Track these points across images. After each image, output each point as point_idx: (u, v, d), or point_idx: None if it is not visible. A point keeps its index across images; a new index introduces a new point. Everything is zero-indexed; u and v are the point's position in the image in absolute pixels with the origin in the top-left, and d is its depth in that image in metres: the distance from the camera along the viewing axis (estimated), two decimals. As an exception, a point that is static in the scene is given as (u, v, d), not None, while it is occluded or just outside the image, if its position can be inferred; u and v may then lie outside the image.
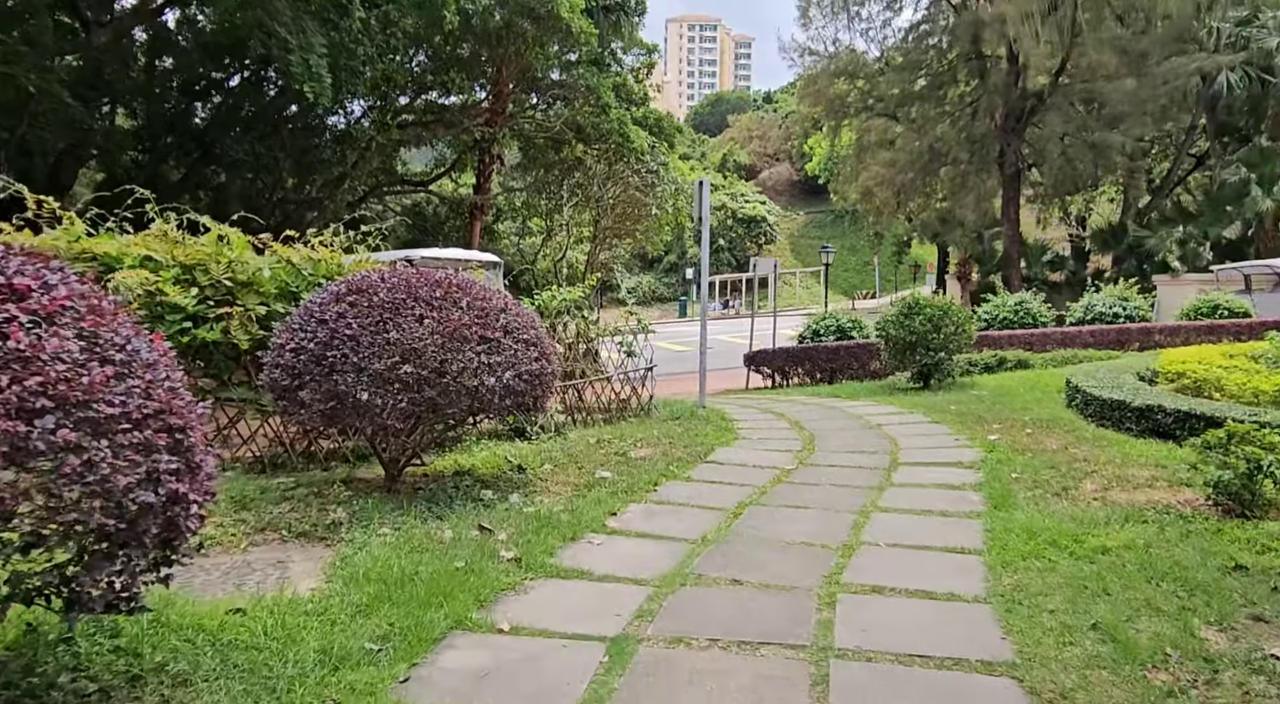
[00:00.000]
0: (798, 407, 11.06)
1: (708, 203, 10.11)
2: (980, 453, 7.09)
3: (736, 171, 77.25)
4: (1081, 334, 15.30)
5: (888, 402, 10.89)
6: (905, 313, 12.06)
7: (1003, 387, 11.48)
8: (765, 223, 65.39)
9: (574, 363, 9.39)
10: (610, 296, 64.93)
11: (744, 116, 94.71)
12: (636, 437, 8.16)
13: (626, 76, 24.53)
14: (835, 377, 15.79)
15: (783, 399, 12.46)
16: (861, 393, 12.10)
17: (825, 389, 13.35)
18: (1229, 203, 29.03)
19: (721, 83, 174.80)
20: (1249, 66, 29.26)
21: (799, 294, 61.09)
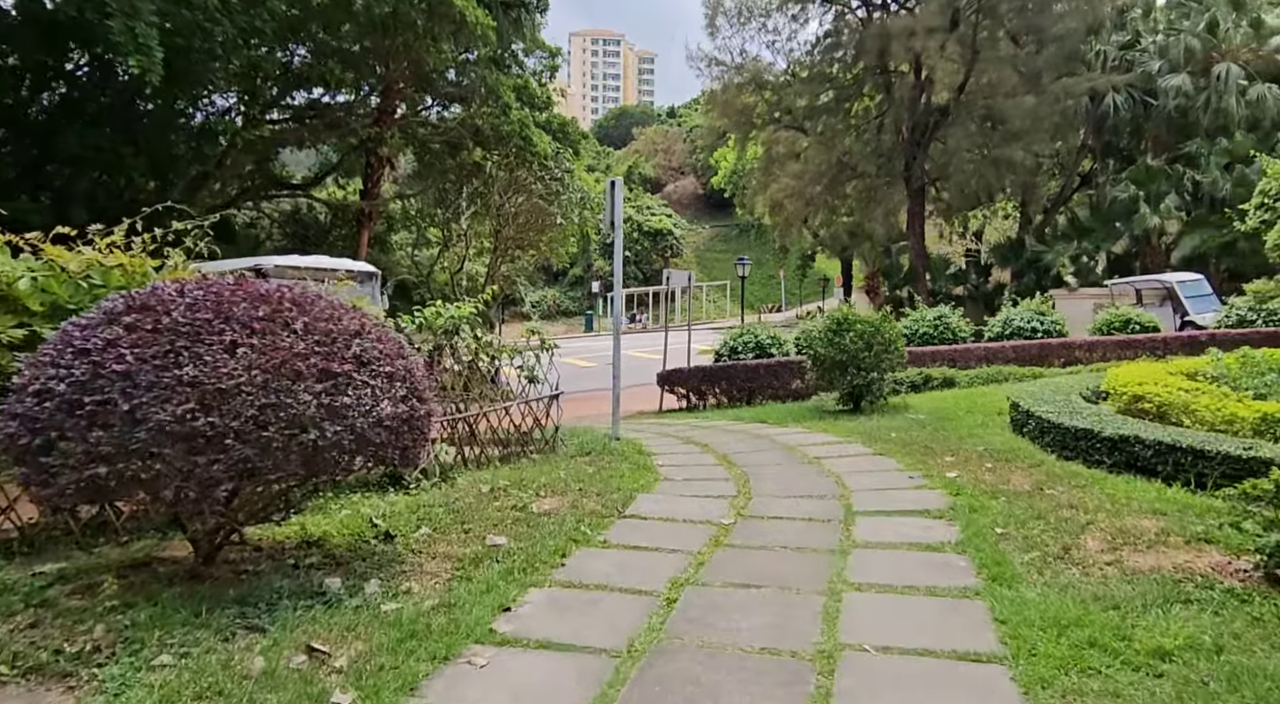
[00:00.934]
0: (722, 435, 9.90)
1: (620, 207, 8.87)
2: (945, 497, 6.05)
3: (642, 184, 76.73)
4: (1004, 350, 14.81)
5: (820, 428, 9.86)
6: (834, 329, 11.12)
7: (939, 408, 10.65)
8: (672, 236, 64.96)
9: (465, 391, 7.94)
10: (514, 311, 63.01)
11: (649, 130, 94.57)
12: (540, 482, 6.78)
13: (529, 78, 23.16)
14: (754, 396, 14.79)
15: (704, 425, 11.30)
16: (789, 417, 11.07)
17: (747, 412, 12.29)
18: (1118, 219, 29.93)
19: (625, 97, 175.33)
20: (1133, 88, 30.35)
21: (706, 308, 60.76)
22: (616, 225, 8.86)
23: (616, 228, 8.87)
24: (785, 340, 15.79)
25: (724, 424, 11.20)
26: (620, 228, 8.89)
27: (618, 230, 8.88)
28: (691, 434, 10.17)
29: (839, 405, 11.47)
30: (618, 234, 8.90)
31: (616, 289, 8.99)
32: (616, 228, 8.87)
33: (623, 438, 9.55)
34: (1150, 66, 30.17)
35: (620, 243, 8.95)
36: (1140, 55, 31.16)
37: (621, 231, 8.95)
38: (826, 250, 53.15)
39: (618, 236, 8.92)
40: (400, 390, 4.31)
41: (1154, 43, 31.39)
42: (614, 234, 8.89)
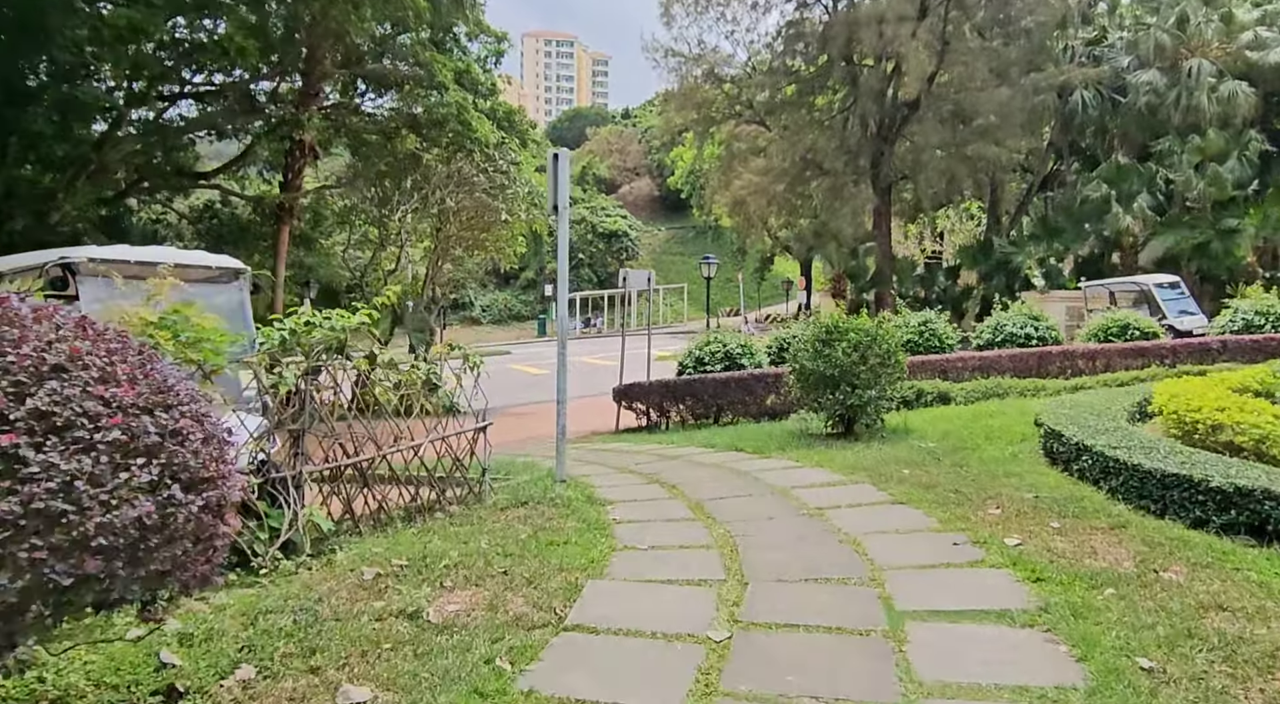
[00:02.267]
0: (693, 470, 8.07)
1: (565, 185, 6.99)
2: (1020, 582, 4.28)
3: (596, 185, 74.93)
4: (1000, 359, 13.26)
5: (811, 460, 8.08)
6: (823, 339, 9.37)
7: (948, 432, 8.96)
8: (627, 238, 63.23)
9: (351, 429, 5.98)
10: (464, 315, 60.62)
11: (603, 130, 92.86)
12: (450, 558, 4.87)
13: (471, 63, 21.12)
14: (723, 414, 13.01)
15: (669, 453, 9.45)
16: (770, 444, 9.27)
17: (720, 435, 10.48)
18: (1089, 219, 28.96)
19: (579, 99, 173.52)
20: (1100, 86, 29.44)
21: (663, 312, 59.10)
22: (561, 208, 6.98)
23: (561, 211, 6.99)
24: (757, 350, 14.04)
25: (694, 452, 9.37)
26: (566, 211, 7.01)
27: (562, 214, 6.99)
28: (656, 468, 8.32)
29: (828, 428, 9.73)
30: (562, 219, 7.02)
31: (561, 292, 7.10)
32: (561, 211, 6.99)
33: (570, 477, 7.67)
34: (1119, 62, 29.29)
35: (565, 229, 7.07)
36: (1108, 51, 30.30)
37: (567, 216, 7.07)
38: (788, 252, 51.93)
39: (562, 222, 7.04)
40: (144, 470, 2.37)
41: (1121, 38, 30.57)
42: (558, 219, 7.01)
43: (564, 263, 7.04)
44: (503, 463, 8.97)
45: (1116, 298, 24.78)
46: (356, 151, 23.81)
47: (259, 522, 5.01)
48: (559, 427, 7.17)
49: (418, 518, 6.04)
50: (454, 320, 59.75)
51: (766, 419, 12.55)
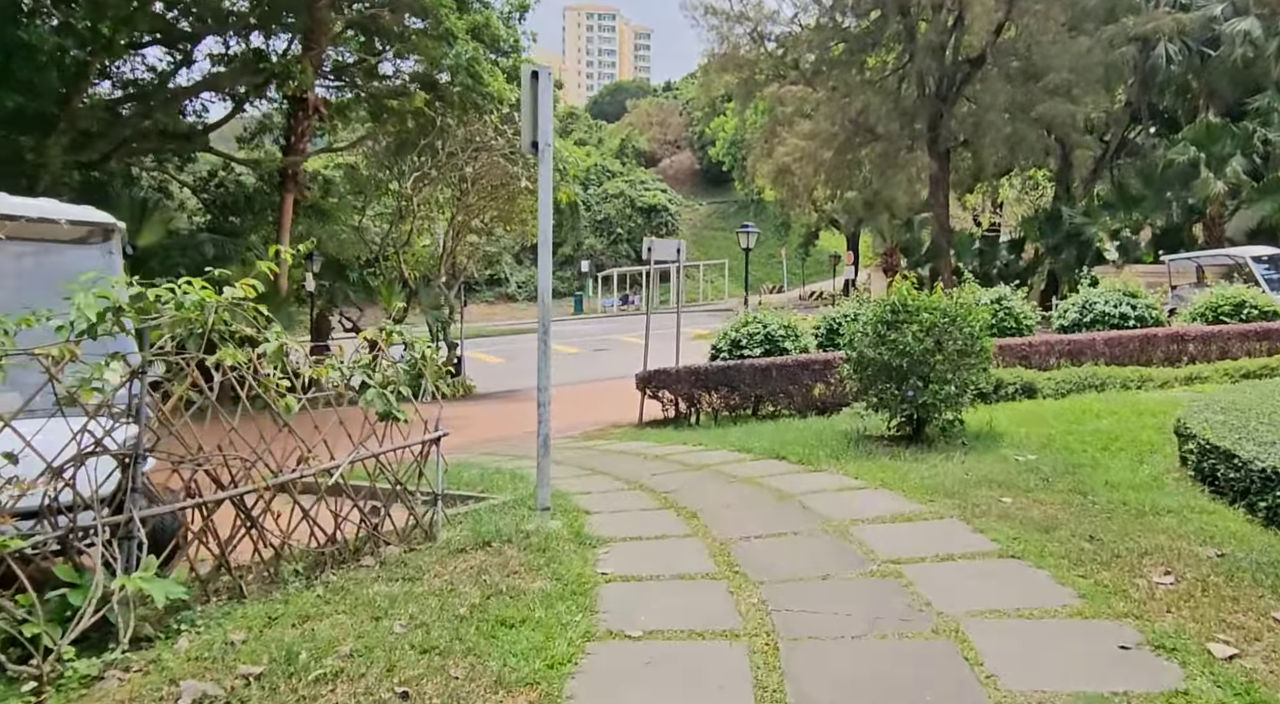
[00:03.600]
0: (721, 490, 6.29)
1: (547, 115, 5.23)
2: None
3: (636, 158, 72.75)
4: (1093, 343, 11.17)
5: (873, 476, 6.24)
6: (887, 321, 7.48)
7: (1049, 438, 7.05)
8: (666, 212, 61.16)
9: (232, 445, 4.33)
10: (499, 291, 59.27)
11: (643, 102, 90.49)
12: (337, 658, 3.18)
13: (491, 16, 19.30)
14: (762, 404, 11.20)
15: (694, 459, 7.68)
16: (820, 450, 7.43)
17: (758, 436, 8.66)
18: (1171, 186, 26.22)
19: (621, 73, 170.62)
20: (1186, 37, 26.52)
21: (703, 288, 57.12)
22: (542, 146, 5.22)
23: (543, 150, 5.22)
24: (803, 332, 12.16)
25: (724, 458, 7.59)
26: (549, 151, 5.24)
27: (544, 155, 5.23)
28: (674, 483, 6.56)
29: (892, 430, 7.86)
30: (544, 161, 5.25)
31: (543, 257, 5.33)
32: (543, 150, 5.22)
33: (563, 494, 5.99)
34: (1210, 10, 26.31)
35: (548, 175, 5.29)
36: (1197, 0, 27.31)
37: (550, 158, 5.29)
38: (834, 227, 49.42)
39: (544, 165, 5.27)
40: None
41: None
42: (538, 158, 5.25)
43: (546, 220, 5.27)
44: (484, 472, 7.29)
45: (1205, 272, 22.26)
46: (377, 118, 22.29)
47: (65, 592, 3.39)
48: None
49: (332, 568, 4.38)
50: (489, 296, 58.54)
51: (814, 413, 10.73)
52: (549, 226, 5.27)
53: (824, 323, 13.25)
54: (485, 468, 7.61)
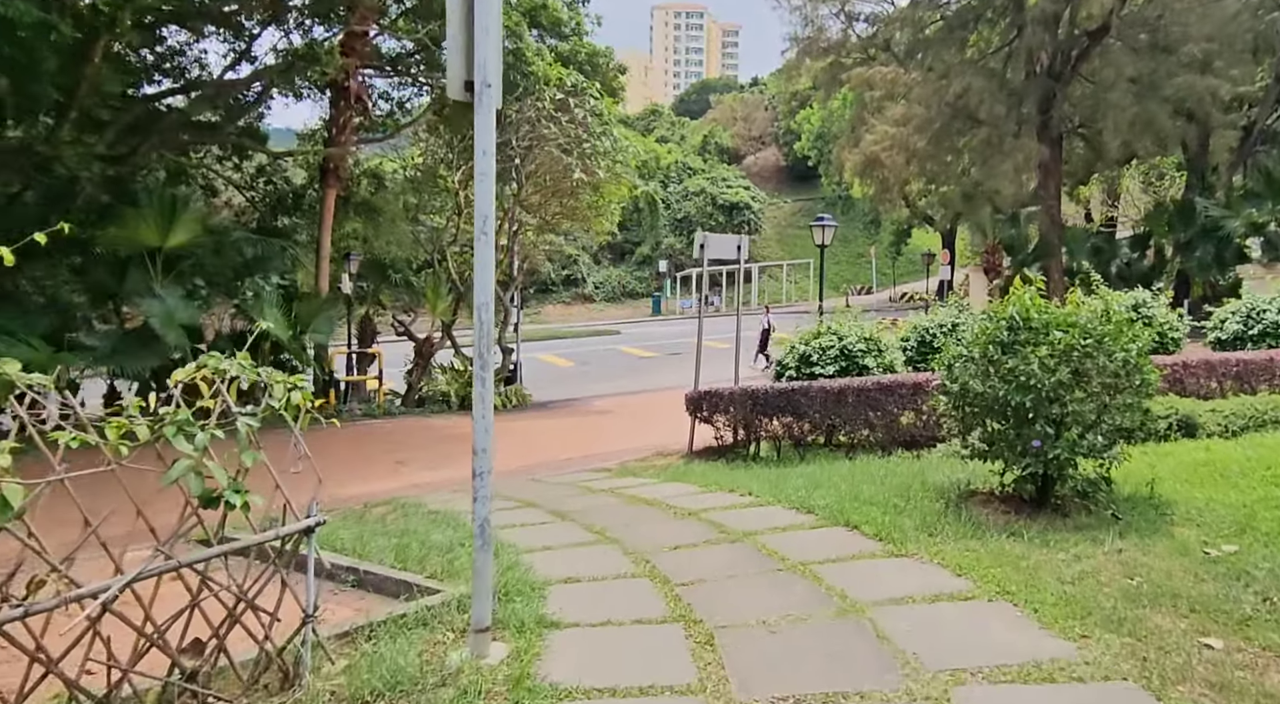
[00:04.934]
0: (763, 584, 4.41)
1: (496, 40, 3.46)
2: None
3: (719, 155, 70.56)
4: (1273, 364, 8.71)
5: (987, 576, 4.24)
6: (1002, 341, 5.44)
7: (1246, 512, 4.91)
8: (749, 209, 58.79)
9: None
10: (576, 292, 58.16)
11: (728, 97, 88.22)
12: None
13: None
14: (836, 434, 9.20)
15: (736, 522, 5.78)
16: (907, 514, 5.43)
17: (826, 489, 6.68)
18: (1335, 173, 22.62)
19: (709, 71, 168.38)
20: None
21: (786, 290, 54.61)
22: (479, 86, 3.46)
23: (479, 93, 3.47)
24: (887, 346, 10.06)
25: (775, 521, 5.68)
26: (494, 91, 3.49)
27: (480, 97, 3.48)
28: (698, 571, 4.71)
29: (1006, 486, 5.79)
30: (480, 106, 3.49)
31: (481, 252, 3.55)
32: (479, 93, 3.47)
33: (537, 586, 4.27)
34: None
35: (489, 122, 3.50)
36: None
37: (495, 99, 3.53)
38: (928, 224, 46.22)
39: (482, 112, 3.51)
40: None
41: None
42: (476, 104, 3.49)
43: (487, 199, 3.50)
44: (457, 536, 5.58)
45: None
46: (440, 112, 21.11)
47: None
48: (477, 522, 3.67)
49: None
50: (566, 297, 57.52)
51: (900, 448, 8.68)
52: (490, 207, 3.51)
53: (914, 335, 11.12)
54: (464, 526, 5.94)
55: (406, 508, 6.83)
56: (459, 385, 18.07)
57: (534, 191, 19.26)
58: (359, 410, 15.64)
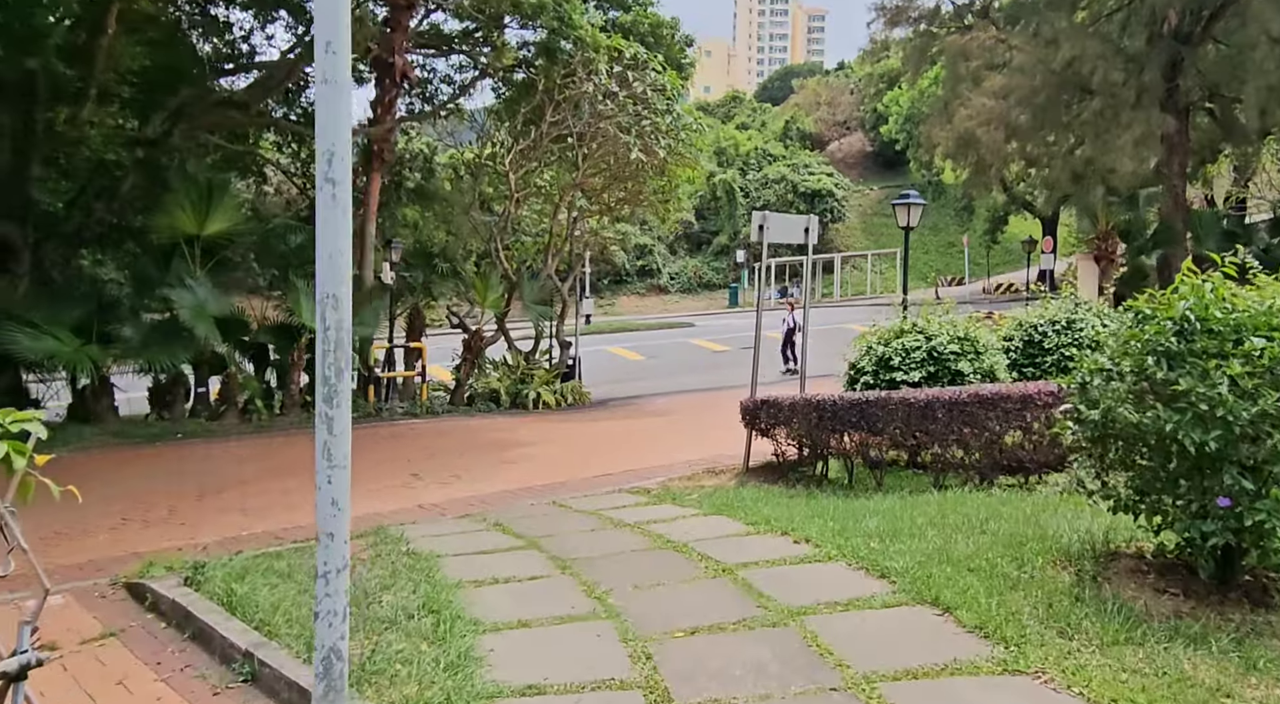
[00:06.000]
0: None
1: None
2: None
3: (801, 141, 67.97)
4: None
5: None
6: (1167, 351, 3.78)
7: None
8: (832, 197, 56.18)
9: None
10: (650, 283, 56.77)
11: (811, 81, 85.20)
12: None
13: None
14: (919, 453, 7.57)
15: (780, 597, 4.30)
16: (1020, 590, 3.86)
17: (905, 529, 5.13)
18: None
19: (793, 58, 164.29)
20: None
21: (870, 280, 52.01)
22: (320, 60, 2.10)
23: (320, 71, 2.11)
24: (986, 347, 8.31)
25: (836, 590, 4.18)
26: (339, 71, 2.12)
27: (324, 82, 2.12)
28: (722, 689, 3.28)
29: (1166, 551, 4.13)
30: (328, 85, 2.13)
31: (322, 202, 2.21)
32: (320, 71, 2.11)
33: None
34: None
35: (339, 107, 2.14)
36: None
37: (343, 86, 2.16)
38: (1027, 211, 42.92)
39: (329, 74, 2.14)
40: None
41: None
42: None
43: (334, 119, 2.15)
44: (432, 595, 4.29)
45: None
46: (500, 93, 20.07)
47: None
48: (316, 661, 2.30)
49: None
50: (641, 288, 56.29)
51: (1005, 474, 7.03)
52: (339, 137, 2.17)
53: (1018, 333, 9.30)
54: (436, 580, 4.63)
55: (379, 547, 5.59)
56: (510, 382, 16.98)
57: (594, 174, 17.97)
58: (399, 409, 14.70)
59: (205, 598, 4.31)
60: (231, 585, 4.41)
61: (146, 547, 6.15)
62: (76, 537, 6.51)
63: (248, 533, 6.52)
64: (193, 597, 4.35)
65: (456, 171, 19.86)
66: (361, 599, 4.28)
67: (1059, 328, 8.99)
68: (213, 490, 8.26)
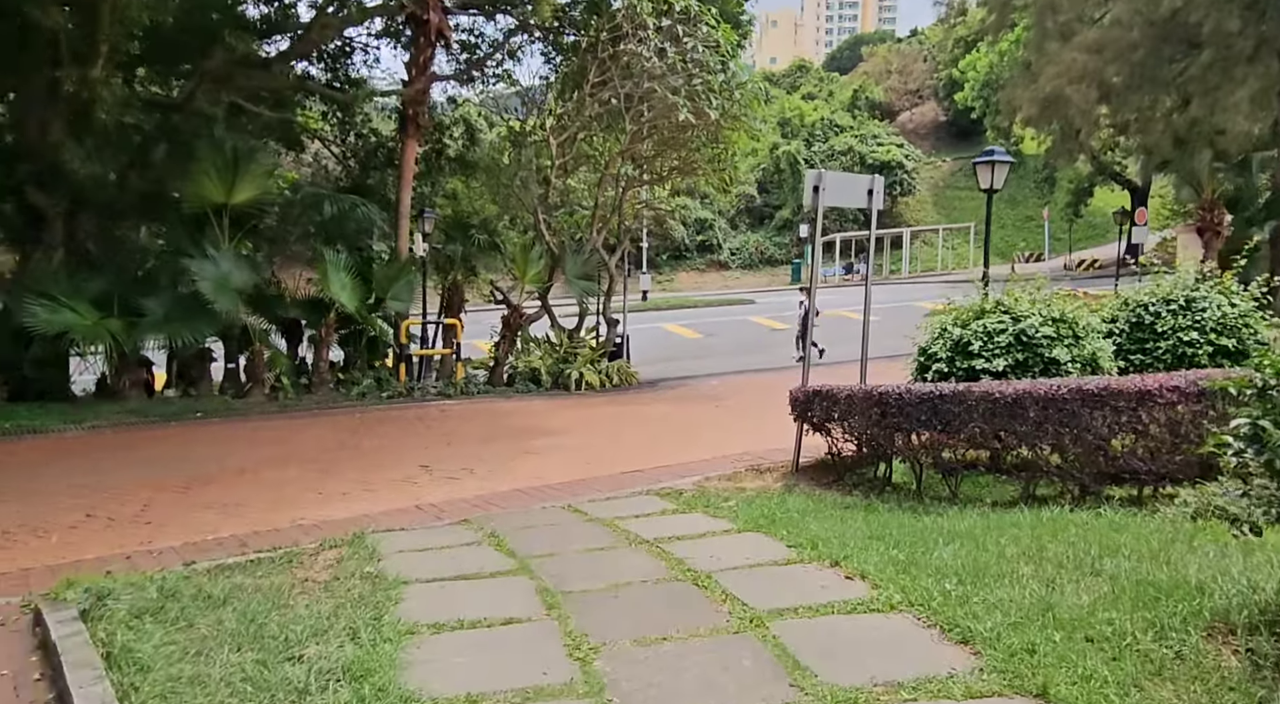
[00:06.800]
0: None
1: None
2: None
3: (870, 110, 65.13)
4: None
5: None
6: None
7: None
8: (901, 169, 53.63)
9: None
10: (710, 258, 55.24)
11: (881, 48, 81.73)
12: None
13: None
14: (1002, 460, 6.31)
15: (819, 661, 3.22)
16: (1166, 693, 2.72)
17: (994, 562, 3.98)
18: None
19: (863, 25, 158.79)
20: None
21: (942, 256, 49.64)
22: None
23: None
24: (1086, 330, 6.95)
25: (909, 653, 3.06)
26: None
27: None
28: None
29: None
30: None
31: None
32: None
33: None
34: None
35: None
36: None
37: None
38: (1114, 182, 40.03)
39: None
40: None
41: None
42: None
43: None
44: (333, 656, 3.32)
45: None
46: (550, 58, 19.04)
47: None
48: None
49: None
50: (700, 263, 54.84)
51: (1111, 483, 5.77)
52: None
53: (1124, 313, 7.87)
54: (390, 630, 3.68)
55: (343, 565, 4.67)
56: (552, 361, 16.05)
57: (643, 139, 16.77)
58: (432, 389, 13.91)
59: (89, 644, 3.44)
60: (125, 627, 3.53)
61: (96, 552, 5.39)
62: (24, 536, 5.80)
63: (214, 537, 5.70)
64: (78, 640, 3.49)
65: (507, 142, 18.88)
66: (280, 650, 3.35)
67: (1175, 308, 7.55)
68: (202, 480, 7.52)
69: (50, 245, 13.60)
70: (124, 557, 5.24)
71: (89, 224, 14.17)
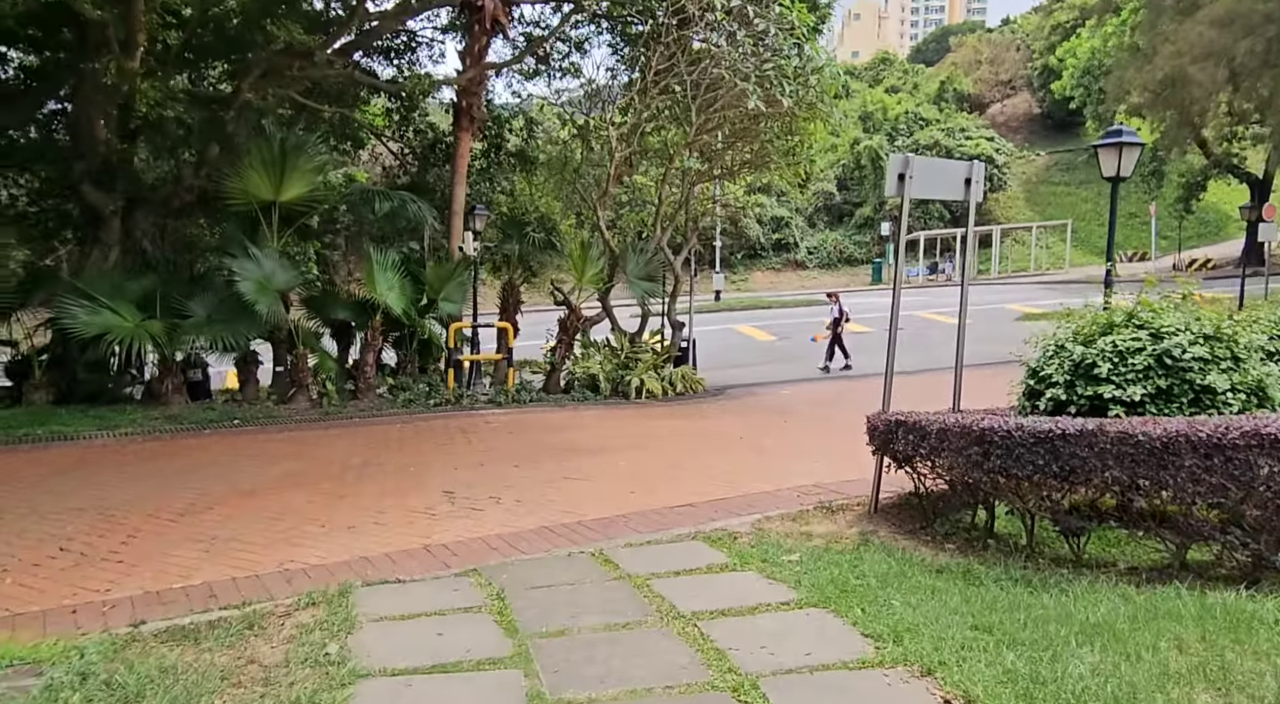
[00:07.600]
0: None
1: None
2: None
3: (958, 103, 62.17)
4: None
5: None
6: None
7: None
8: (992, 164, 50.76)
9: None
10: (787, 258, 53.46)
11: (970, 38, 78.20)
12: None
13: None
14: (1134, 506, 5.00)
15: None
16: None
17: (1155, 668, 2.84)
18: None
19: (950, 17, 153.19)
20: None
21: (1035, 255, 46.82)
22: None
23: None
24: (1250, 348, 5.54)
25: None
26: None
27: None
28: None
29: None
30: None
31: None
32: None
33: None
34: None
35: None
36: None
37: None
38: (1231, 175, 36.74)
39: None
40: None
41: None
42: None
43: None
44: None
45: None
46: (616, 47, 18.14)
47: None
48: None
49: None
50: (776, 263, 53.15)
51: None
52: None
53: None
54: None
55: (303, 638, 3.77)
56: (612, 367, 15.11)
57: (711, 129, 15.63)
58: (482, 397, 13.11)
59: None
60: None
61: (40, 603, 4.66)
62: (-23, 576, 5.13)
63: (183, 584, 4.92)
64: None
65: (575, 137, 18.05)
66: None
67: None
68: (203, 504, 6.81)
69: (107, 244, 13.41)
70: (71, 610, 4.49)
71: (145, 222, 13.95)
